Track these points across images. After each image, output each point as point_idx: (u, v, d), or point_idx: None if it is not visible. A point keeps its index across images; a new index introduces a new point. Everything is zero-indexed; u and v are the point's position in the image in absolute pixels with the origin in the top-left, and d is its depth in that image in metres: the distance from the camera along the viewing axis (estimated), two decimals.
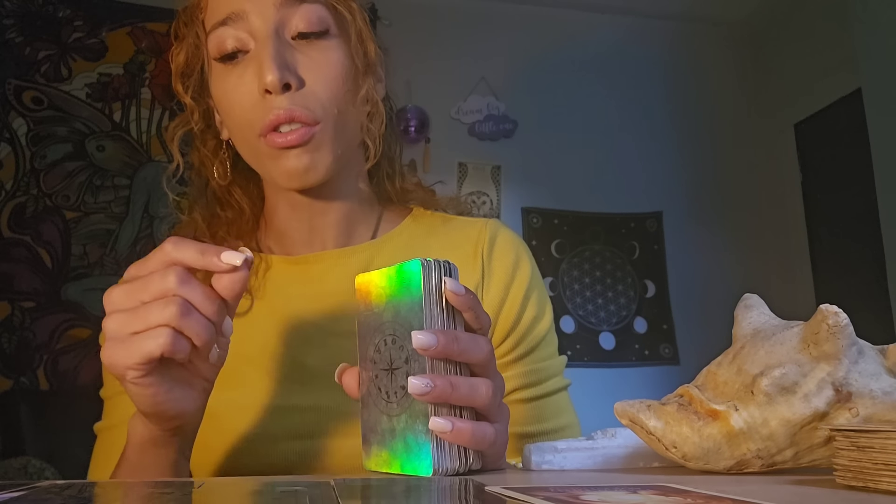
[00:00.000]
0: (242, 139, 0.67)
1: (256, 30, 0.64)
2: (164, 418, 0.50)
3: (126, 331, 0.45)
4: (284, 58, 0.63)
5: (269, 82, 0.61)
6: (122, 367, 0.46)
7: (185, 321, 0.45)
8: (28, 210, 2.25)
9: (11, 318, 2.13)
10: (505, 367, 0.70)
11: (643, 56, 2.85)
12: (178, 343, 0.45)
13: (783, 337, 0.43)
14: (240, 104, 0.65)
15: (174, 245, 0.47)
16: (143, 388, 0.47)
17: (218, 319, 0.47)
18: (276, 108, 0.62)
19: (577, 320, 2.67)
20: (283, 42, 0.64)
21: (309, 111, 0.63)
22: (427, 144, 2.59)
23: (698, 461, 0.43)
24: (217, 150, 0.73)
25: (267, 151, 0.65)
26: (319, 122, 0.64)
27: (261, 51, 0.63)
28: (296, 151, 0.63)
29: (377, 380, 0.46)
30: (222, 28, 0.64)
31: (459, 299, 0.45)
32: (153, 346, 0.45)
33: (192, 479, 0.65)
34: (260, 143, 0.64)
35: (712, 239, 2.79)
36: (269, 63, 0.61)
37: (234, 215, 0.74)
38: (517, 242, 0.75)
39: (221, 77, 0.66)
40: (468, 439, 0.44)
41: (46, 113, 2.33)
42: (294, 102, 0.62)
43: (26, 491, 0.39)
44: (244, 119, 0.65)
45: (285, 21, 0.64)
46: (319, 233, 0.72)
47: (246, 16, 0.64)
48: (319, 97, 0.64)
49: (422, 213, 0.78)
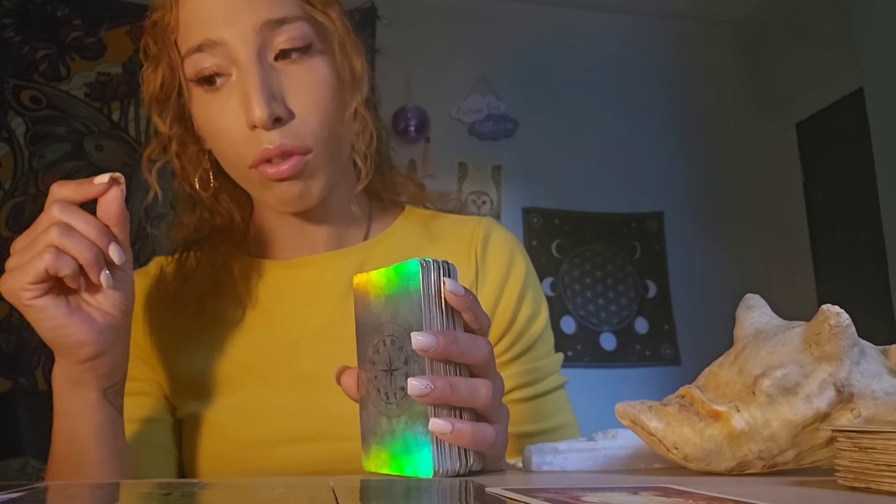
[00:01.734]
0: (231, 166, 0.66)
1: (237, 56, 0.61)
2: (68, 346, 0.52)
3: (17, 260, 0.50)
4: (271, 89, 0.60)
5: (258, 118, 0.59)
6: (17, 290, 0.50)
7: (66, 240, 0.49)
8: (26, 210, 2.24)
9: (10, 319, 2.13)
10: (502, 366, 0.70)
11: (644, 55, 2.85)
12: (60, 259, 0.49)
13: (785, 337, 0.43)
14: (227, 134, 0.62)
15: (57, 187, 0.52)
16: (40, 312, 0.50)
17: (101, 242, 0.51)
18: (266, 143, 0.60)
19: (578, 321, 2.67)
20: (267, 68, 0.61)
21: (300, 141, 0.61)
22: (427, 144, 2.58)
23: (699, 462, 0.43)
24: (199, 159, 0.70)
25: (258, 181, 0.63)
26: (312, 150, 0.62)
27: (245, 81, 0.60)
28: (289, 182, 0.62)
29: (376, 381, 0.46)
30: (199, 54, 0.62)
31: (459, 300, 0.45)
32: (38, 264, 0.49)
33: (192, 479, 0.65)
34: (250, 172, 0.63)
35: (714, 239, 2.79)
36: (257, 97, 0.59)
37: (225, 222, 0.73)
38: (511, 240, 0.74)
39: (203, 103, 0.64)
40: (468, 440, 0.44)
41: (45, 112, 2.33)
42: (285, 136, 0.61)
43: (25, 492, 0.39)
44: (232, 151, 0.63)
45: (266, 43, 0.61)
46: (310, 237, 0.71)
47: (224, 42, 0.61)
48: (309, 125, 0.62)
49: (414, 212, 0.77)
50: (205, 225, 0.73)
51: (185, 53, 0.63)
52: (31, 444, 2.08)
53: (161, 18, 0.64)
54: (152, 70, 0.67)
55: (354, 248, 0.72)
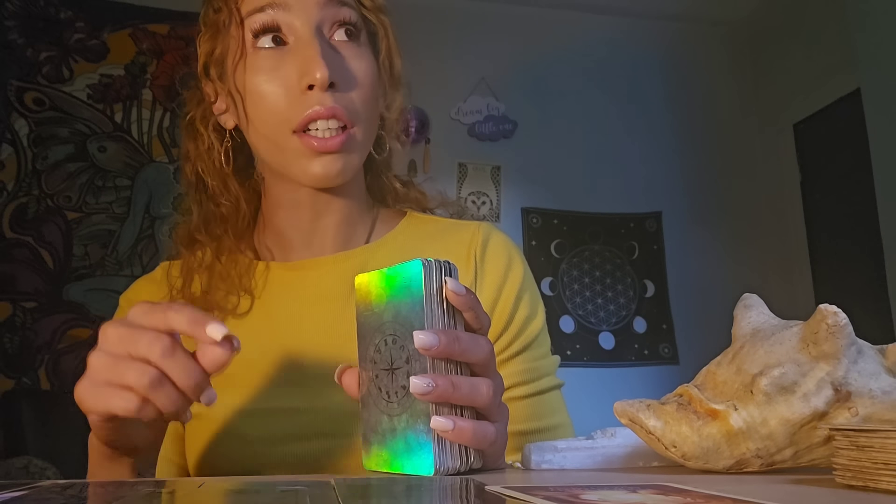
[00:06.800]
0: (269, 133, 0.66)
1: (298, 25, 0.64)
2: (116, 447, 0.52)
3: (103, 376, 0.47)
4: (331, 56, 0.64)
5: (319, 78, 0.62)
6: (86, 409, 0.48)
7: (155, 392, 0.46)
8: (30, 211, 2.25)
9: (13, 319, 2.14)
10: (500, 364, 0.70)
11: (643, 56, 2.85)
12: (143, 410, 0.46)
13: (782, 336, 0.43)
14: (275, 96, 0.64)
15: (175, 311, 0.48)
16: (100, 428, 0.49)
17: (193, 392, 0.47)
18: (319, 103, 0.63)
19: (577, 320, 2.67)
20: (325, 41, 0.65)
21: (349, 112, 0.64)
22: (427, 145, 2.59)
23: (698, 460, 0.43)
24: (220, 138, 0.72)
25: (298, 149, 0.65)
26: (356, 125, 0.65)
27: (305, 47, 0.63)
28: (332, 156, 0.64)
29: (377, 380, 0.47)
30: (262, 14, 0.65)
31: (460, 299, 0.45)
32: (116, 407, 0.46)
33: (195, 478, 0.65)
34: (291, 139, 0.64)
35: (711, 239, 2.79)
36: (319, 59, 0.62)
37: (230, 211, 0.74)
38: (509, 245, 0.76)
39: (257, 64, 0.65)
40: (469, 438, 0.44)
41: (48, 114, 2.33)
42: (337, 101, 0.63)
43: (28, 490, 0.40)
44: (278, 112, 0.64)
45: (324, 21, 0.65)
46: (319, 235, 0.72)
47: (289, 8, 0.64)
48: (355, 102, 0.65)
49: (416, 217, 0.78)
50: (211, 218, 0.74)
51: (247, 13, 0.65)
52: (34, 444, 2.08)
53: None
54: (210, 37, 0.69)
55: (357, 251, 0.72)
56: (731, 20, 2.92)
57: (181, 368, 0.47)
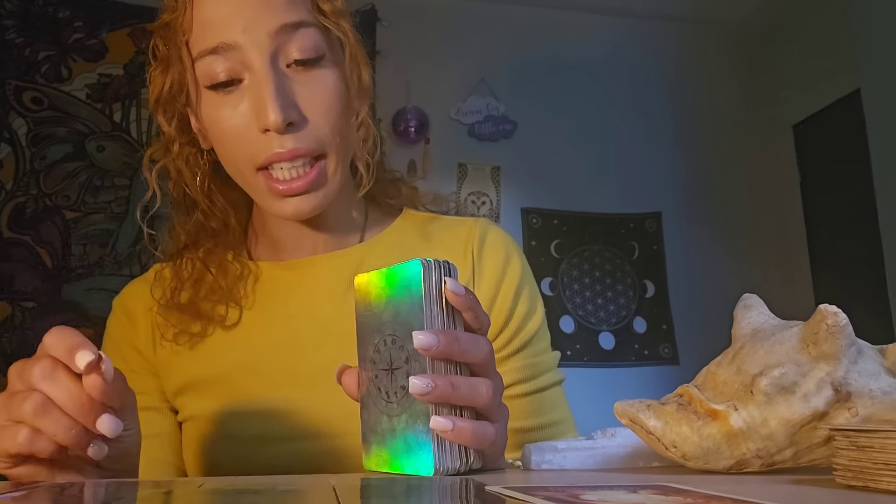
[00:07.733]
0: (236, 170, 0.65)
1: (251, 61, 0.61)
2: None
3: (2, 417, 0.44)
4: (285, 93, 0.61)
5: (272, 122, 0.59)
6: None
7: (42, 420, 0.43)
8: (28, 210, 2.24)
9: (12, 318, 2.13)
10: (500, 362, 0.70)
11: (642, 57, 2.85)
12: (36, 442, 0.43)
13: (782, 337, 0.43)
14: (236, 136, 0.62)
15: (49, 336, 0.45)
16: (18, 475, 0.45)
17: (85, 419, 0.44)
18: (279, 146, 0.61)
19: (577, 320, 2.67)
20: (280, 74, 0.61)
21: (313, 145, 0.62)
22: (427, 145, 2.59)
23: (698, 461, 0.43)
24: (198, 161, 0.70)
25: (265, 189, 0.63)
26: (328, 153, 0.63)
27: (260, 86, 0.60)
28: (299, 197, 0.63)
29: (377, 380, 0.46)
30: (213, 57, 0.61)
31: (460, 299, 0.45)
32: (10, 444, 0.43)
33: (194, 478, 0.65)
34: (257, 177, 0.63)
35: (711, 239, 2.79)
36: (272, 102, 0.59)
37: (220, 226, 0.73)
38: (507, 240, 0.75)
39: (213, 106, 0.63)
40: (469, 438, 0.44)
41: (46, 113, 2.33)
42: (298, 141, 0.61)
43: (27, 490, 0.40)
44: (241, 153, 0.63)
45: (280, 49, 0.62)
46: (311, 237, 0.72)
47: (239, 47, 0.61)
48: (321, 130, 0.63)
49: (411, 214, 0.78)
50: (200, 229, 0.73)
51: (197, 55, 0.63)
52: None
53: (174, 19, 0.64)
54: (160, 71, 0.67)
55: (352, 249, 0.72)
56: (731, 21, 2.92)
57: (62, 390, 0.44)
